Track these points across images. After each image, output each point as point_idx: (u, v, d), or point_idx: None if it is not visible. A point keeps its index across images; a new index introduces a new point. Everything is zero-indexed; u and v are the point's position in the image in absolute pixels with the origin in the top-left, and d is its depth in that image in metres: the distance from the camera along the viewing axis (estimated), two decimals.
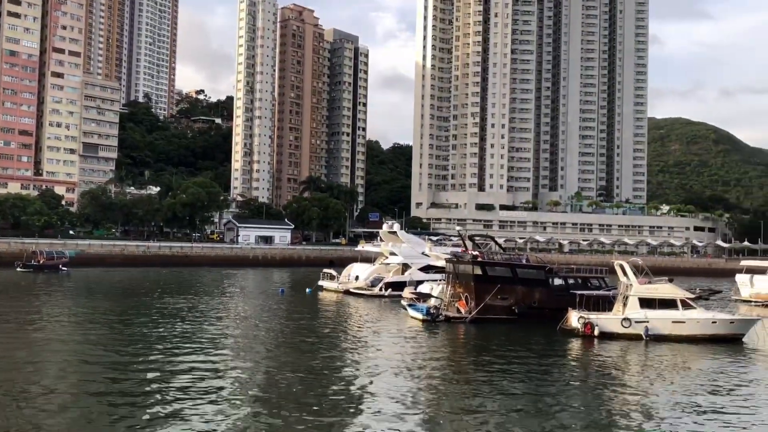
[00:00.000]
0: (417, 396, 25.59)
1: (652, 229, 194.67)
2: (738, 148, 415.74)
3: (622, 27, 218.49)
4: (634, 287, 42.55)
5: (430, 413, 23.25)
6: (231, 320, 46.25)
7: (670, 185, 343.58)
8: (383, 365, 31.29)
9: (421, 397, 25.39)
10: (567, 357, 36.19)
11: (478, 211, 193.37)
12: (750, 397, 26.99)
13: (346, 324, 46.89)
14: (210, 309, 51.76)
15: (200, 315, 47.85)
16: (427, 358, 33.99)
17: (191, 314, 47.95)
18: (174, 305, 53.36)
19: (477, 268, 48.46)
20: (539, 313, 46.94)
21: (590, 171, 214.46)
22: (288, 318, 49.13)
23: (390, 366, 31.11)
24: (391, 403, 24.17)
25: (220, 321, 45.36)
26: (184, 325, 42.53)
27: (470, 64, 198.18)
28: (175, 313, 48.46)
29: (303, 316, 50.39)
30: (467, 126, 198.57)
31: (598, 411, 24.28)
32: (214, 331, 40.38)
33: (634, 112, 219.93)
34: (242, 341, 37.60)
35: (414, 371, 30.30)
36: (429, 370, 30.84)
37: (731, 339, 41.16)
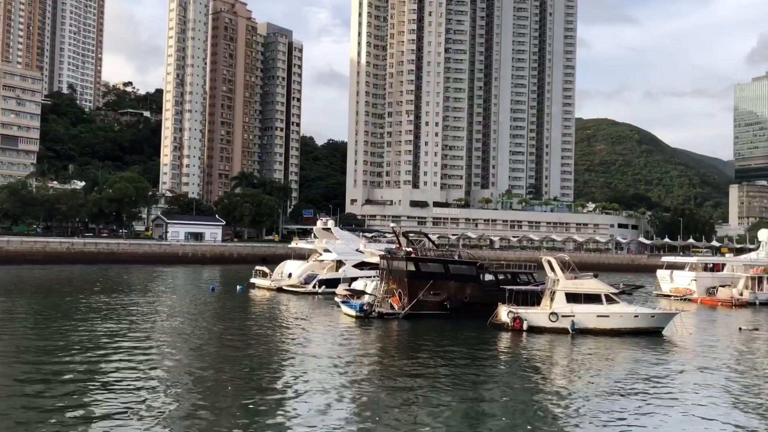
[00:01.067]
0: (349, 392, 25.54)
1: (579, 226, 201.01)
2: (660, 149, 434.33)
3: (551, 29, 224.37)
4: (561, 282, 43.76)
5: (362, 409, 23.24)
6: (158, 319, 44.97)
7: (596, 184, 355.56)
8: (315, 362, 31.10)
9: (353, 394, 25.35)
10: (496, 351, 36.89)
11: (413, 208, 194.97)
12: (669, 386, 28.14)
13: (278, 321, 46.39)
14: (136, 307, 50.21)
15: (126, 314, 46.35)
16: (360, 355, 34.00)
17: (116, 313, 46.40)
18: (99, 304, 51.52)
19: (410, 265, 48.79)
20: (470, 308, 47.59)
21: (520, 169, 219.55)
22: (218, 316, 48.21)
23: (322, 363, 30.96)
24: (323, 400, 24.05)
25: (146, 319, 44.06)
26: (109, 324, 41.10)
27: (405, 62, 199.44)
28: (99, 311, 46.79)
29: (234, 314, 49.54)
30: (402, 123, 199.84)
31: (525, 403, 24.83)
32: (141, 330, 39.19)
33: (562, 112, 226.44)
34: (170, 340, 36.63)
35: (346, 368, 30.25)
36: (361, 366, 30.85)
37: (652, 332, 42.89)
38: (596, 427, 21.72)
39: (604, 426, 21.88)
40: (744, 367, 33.46)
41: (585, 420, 22.57)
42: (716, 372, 31.60)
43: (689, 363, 33.78)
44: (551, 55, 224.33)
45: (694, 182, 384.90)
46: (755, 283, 70.36)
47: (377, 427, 21.21)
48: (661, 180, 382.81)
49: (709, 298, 69.21)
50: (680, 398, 26.05)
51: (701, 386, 28.35)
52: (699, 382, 29.23)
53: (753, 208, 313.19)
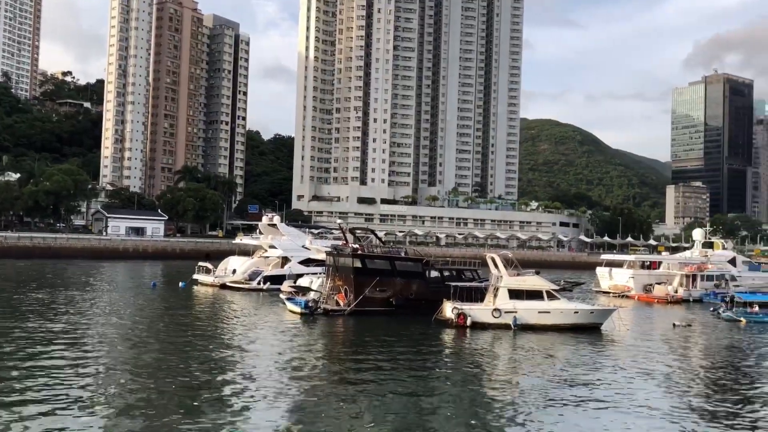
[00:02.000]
0: (293, 389, 25.32)
1: (522, 224, 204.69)
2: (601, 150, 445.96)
3: (498, 30, 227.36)
4: (504, 279, 44.44)
5: (306, 406, 23.08)
6: (96, 315, 43.65)
7: (540, 183, 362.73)
8: (259, 359, 30.76)
9: (297, 390, 25.15)
10: (441, 347, 37.21)
11: (360, 204, 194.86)
12: (606, 380, 28.91)
13: (221, 318, 45.67)
14: (73, 304, 48.61)
15: (62, 310, 44.82)
16: (304, 351, 33.77)
17: (51, 309, 44.82)
18: (32, 300, 49.67)
19: (357, 261, 48.71)
20: (416, 305, 47.85)
21: (467, 168, 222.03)
22: (159, 313, 47.14)
23: (266, 360, 30.64)
24: (267, 397, 23.78)
25: (83, 316, 42.70)
26: (43, 321, 39.66)
27: (353, 58, 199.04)
28: (32, 308, 45.12)
29: (176, 311, 48.53)
30: (350, 119, 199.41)
31: (468, 398, 25.11)
32: (77, 327, 37.95)
33: (507, 112, 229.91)
34: (108, 337, 35.62)
35: (290, 364, 30.00)
36: (305, 363, 30.64)
37: (591, 327, 43.99)
38: (536, 421, 22.11)
39: (543, 420, 22.29)
40: (677, 362, 34.65)
41: (525, 414, 22.96)
42: (651, 366, 32.60)
43: (625, 358, 34.77)
44: (498, 56, 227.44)
45: (633, 182, 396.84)
46: (689, 281, 73.03)
47: (321, 423, 21.09)
48: (601, 180, 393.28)
49: (646, 295, 71.47)
50: (616, 391, 26.78)
51: (636, 380, 29.20)
52: (635, 376, 30.11)
53: (688, 208, 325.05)
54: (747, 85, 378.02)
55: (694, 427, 22.10)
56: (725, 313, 54.07)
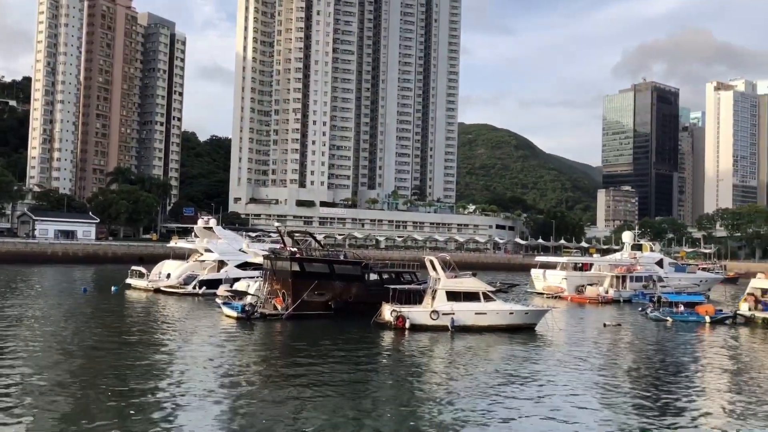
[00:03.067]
0: (229, 395, 24.90)
1: (460, 227, 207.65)
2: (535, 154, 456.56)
3: (437, 35, 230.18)
4: (442, 281, 44.93)
5: (241, 412, 22.73)
6: (23, 322, 41.85)
7: (477, 186, 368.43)
8: (194, 365, 30.12)
9: (233, 396, 24.74)
10: (379, 349, 37.30)
11: (299, 207, 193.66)
12: (539, 380, 29.57)
13: (155, 324, 44.51)
14: None
15: None
16: (240, 356, 33.28)
17: None
18: None
19: (295, 265, 48.32)
20: (355, 308, 47.84)
21: (406, 171, 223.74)
22: (90, 318, 45.58)
23: (201, 365, 30.04)
24: (202, 404, 23.30)
25: (9, 323, 40.87)
26: None
27: (292, 60, 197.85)
28: None
29: (107, 317, 47.02)
30: (289, 121, 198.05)
31: (406, 400, 25.24)
32: (1, 335, 36.30)
33: (446, 116, 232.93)
34: (36, 344, 34.18)
35: (225, 370, 29.51)
36: (241, 368, 30.20)
37: (526, 328, 44.96)
38: (472, 420, 22.42)
39: (479, 418, 22.63)
40: (606, 361, 35.79)
41: (461, 413, 23.25)
42: (582, 365, 33.56)
43: (558, 357, 35.68)
44: (436, 61, 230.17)
45: (566, 186, 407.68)
46: (619, 282, 75.58)
47: (257, 427, 20.82)
48: (536, 184, 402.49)
49: (578, 296, 73.51)
50: (549, 389, 27.44)
51: (568, 378, 29.99)
52: (567, 374, 30.92)
53: (618, 212, 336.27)
54: (673, 93, 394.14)
55: (624, 420, 22.84)
56: (653, 313, 56.13)
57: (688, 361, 36.12)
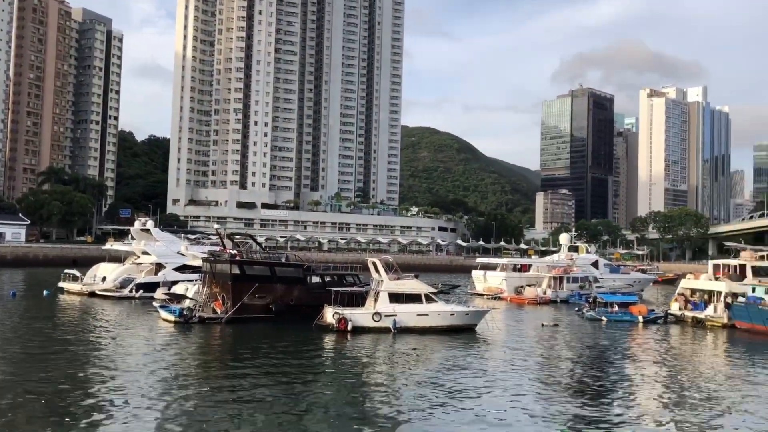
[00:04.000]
0: (166, 401, 24.27)
1: (403, 229, 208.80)
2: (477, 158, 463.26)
3: (380, 38, 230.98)
4: (384, 283, 45.06)
5: (180, 418, 22.19)
6: None
7: (420, 189, 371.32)
8: (130, 370, 29.27)
9: (170, 402, 24.12)
10: (321, 352, 37.09)
11: (240, 209, 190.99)
12: (479, 377, 29.95)
13: (89, 328, 43.07)
14: None
15: None
16: (178, 361, 32.53)
17: None
18: None
19: (234, 267, 47.63)
20: (297, 311, 47.46)
21: (349, 173, 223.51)
22: (20, 323, 43.75)
23: (137, 370, 29.22)
24: (138, 410, 22.63)
25: None
26: None
27: (233, 59, 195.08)
28: None
29: (39, 321, 45.22)
30: (229, 122, 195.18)
31: (348, 402, 25.16)
32: None
33: (389, 119, 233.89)
34: None
35: (162, 374, 28.78)
36: (179, 373, 29.51)
37: (466, 328, 45.50)
38: (413, 420, 22.51)
39: (419, 418, 22.73)
40: (544, 360, 36.54)
41: (402, 413, 23.32)
42: (521, 364, 34.17)
43: (497, 357, 36.25)
44: (379, 63, 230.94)
45: (506, 189, 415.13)
46: (557, 283, 77.35)
47: None
48: (477, 187, 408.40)
49: (518, 297, 74.90)
50: (488, 388, 27.83)
51: (507, 377, 30.47)
52: (506, 373, 31.41)
53: (556, 214, 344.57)
54: (608, 99, 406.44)
55: (561, 417, 23.33)
56: (588, 313, 57.64)
57: (621, 359, 37.24)
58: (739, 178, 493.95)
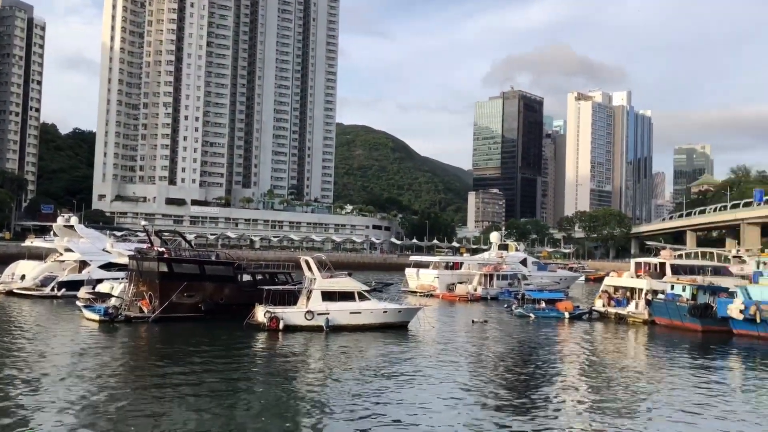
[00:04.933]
0: (91, 404, 23.40)
1: (337, 227, 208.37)
2: (411, 157, 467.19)
3: (315, 35, 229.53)
4: (317, 281, 44.87)
5: (104, 421, 21.43)
6: None
7: (354, 187, 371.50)
8: (51, 372, 28.09)
9: (95, 405, 23.27)
10: (252, 351, 36.60)
11: (169, 205, 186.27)
12: (411, 374, 30.20)
13: (7, 329, 41.09)
14: None
15: None
16: (103, 362, 31.42)
17: None
18: None
19: (162, 265, 46.46)
20: (227, 310, 46.72)
21: (283, 170, 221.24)
22: None
23: (59, 372, 28.08)
24: (61, 414, 21.74)
25: None
26: None
27: (163, 52, 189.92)
28: None
29: None
30: (159, 116, 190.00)
31: (280, 403, 24.92)
32: None
33: (324, 116, 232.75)
34: None
35: (86, 376, 27.75)
36: (103, 374, 28.51)
37: (399, 326, 45.82)
38: (345, 419, 22.50)
39: (351, 416, 22.74)
40: (474, 356, 37.18)
41: (334, 412, 23.27)
42: (451, 359, 34.66)
43: (428, 353, 36.65)
44: (314, 60, 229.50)
45: (440, 188, 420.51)
46: (487, 280, 78.86)
47: None
48: (411, 185, 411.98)
49: (449, 294, 75.97)
50: (420, 386, 28.09)
51: (438, 373, 30.83)
52: (436, 369, 31.77)
53: (487, 213, 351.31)
54: (538, 102, 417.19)
55: (490, 412, 23.81)
56: (517, 309, 59.06)
57: (547, 354, 38.29)
58: (660, 179, 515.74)
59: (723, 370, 36.19)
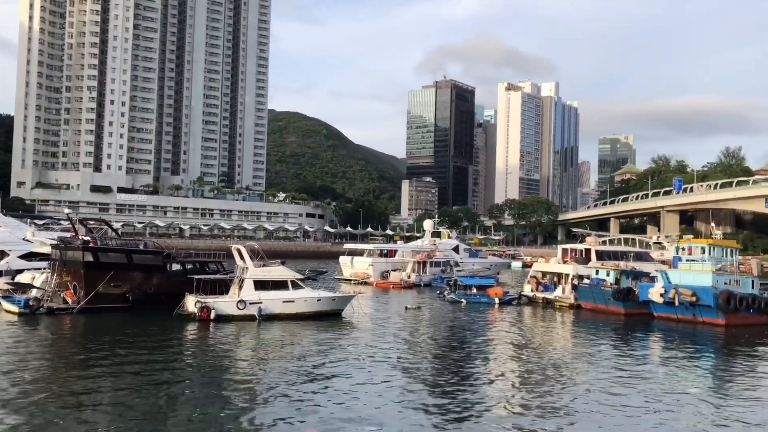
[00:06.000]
0: (10, 400, 22.41)
1: (270, 215, 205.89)
2: (345, 144, 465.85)
3: (246, 19, 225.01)
4: (249, 270, 44.31)
5: (26, 418, 20.57)
6: None
7: (287, 174, 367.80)
8: None
9: (14, 402, 22.30)
10: (181, 342, 35.89)
11: (94, 193, 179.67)
12: (345, 361, 30.27)
13: None
14: None
15: None
16: (23, 356, 30.13)
17: None
18: None
19: (87, 255, 44.94)
20: (156, 299, 45.63)
21: (213, 157, 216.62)
22: None
23: None
24: None
25: None
26: None
27: (87, 33, 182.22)
28: None
29: None
30: (83, 100, 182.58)
31: (211, 394, 24.54)
32: None
33: (255, 102, 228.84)
34: None
35: (5, 372, 26.55)
36: (24, 369, 27.36)
37: (333, 314, 45.83)
38: (277, 408, 22.36)
39: (284, 406, 22.63)
40: (406, 340, 37.60)
41: (267, 404, 23.10)
42: (384, 346, 34.95)
43: (362, 340, 36.84)
44: (245, 44, 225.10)
45: (374, 176, 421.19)
46: (420, 267, 79.79)
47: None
48: (345, 173, 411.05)
49: (383, 281, 76.47)
50: (354, 373, 28.20)
51: (372, 360, 31.04)
52: (369, 356, 31.98)
53: (420, 201, 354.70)
54: (470, 91, 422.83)
55: (422, 397, 24.15)
56: (449, 295, 60.04)
57: (477, 339, 39.13)
58: (586, 168, 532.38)
59: (644, 351, 37.87)
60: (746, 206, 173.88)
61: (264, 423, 20.86)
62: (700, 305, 46.61)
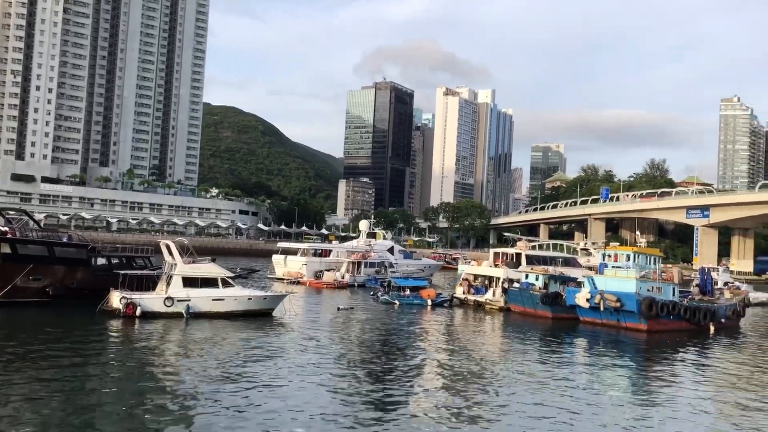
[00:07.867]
0: None
1: (201, 211, 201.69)
2: (282, 141, 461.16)
3: (183, 9, 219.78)
4: (178, 266, 43.17)
5: None
6: None
7: (221, 170, 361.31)
8: None
9: None
10: (105, 339, 34.59)
11: (15, 182, 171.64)
12: (273, 362, 29.78)
13: None
14: None
15: None
16: None
17: None
18: None
19: (5, 246, 42.86)
20: (79, 295, 43.95)
21: (144, 149, 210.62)
22: None
23: None
24: None
25: None
26: None
27: (12, 15, 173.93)
28: None
29: None
30: (5, 85, 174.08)
31: (132, 391, 23.68)
32: None
33: (190, 95, 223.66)
34: None
35: None
36: None
37: (264, 313, 45.13)
38: (202, 412, 21.78)
39: (208, 407, 22.06)
40: (337, 342, 37.36)
41: (195, 403, 22.46)
42: (315, 347, 34.62)
43: (292, 340, 36.41)
44: (182, 35, 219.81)
45: (310, 175, 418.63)
46: (355, 268, 79.63)
47: None
48: (281, 171, 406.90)
49: (317, 281, 75.93)
50: (283, 372, 27.80)
51: (300, 361, 30.67)
52: (299, 357, 31.61)
53: (357, 201, 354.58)
54: (409, 94, 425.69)
55: (353, 397, 23.98)
56: (383, 296, 60.12)
57: (409, 340, 39.25)
58: (518, 175, 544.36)
59: (569, 354, 38.85)
60: (668, 216, 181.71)
61: (184, 423, 20.24)
62: (624, 311, 48.19)
